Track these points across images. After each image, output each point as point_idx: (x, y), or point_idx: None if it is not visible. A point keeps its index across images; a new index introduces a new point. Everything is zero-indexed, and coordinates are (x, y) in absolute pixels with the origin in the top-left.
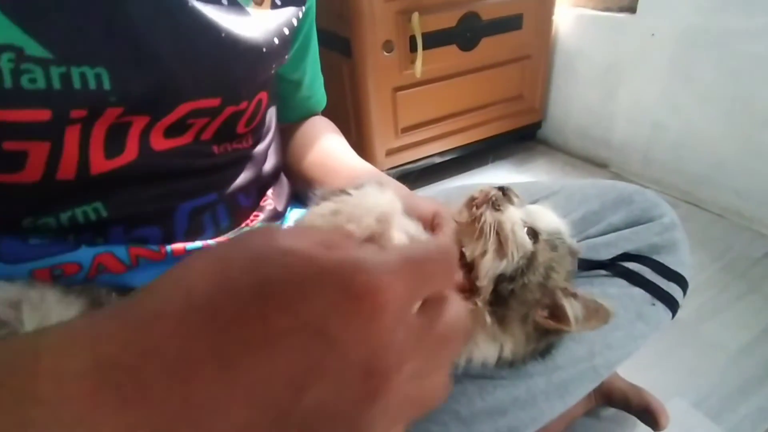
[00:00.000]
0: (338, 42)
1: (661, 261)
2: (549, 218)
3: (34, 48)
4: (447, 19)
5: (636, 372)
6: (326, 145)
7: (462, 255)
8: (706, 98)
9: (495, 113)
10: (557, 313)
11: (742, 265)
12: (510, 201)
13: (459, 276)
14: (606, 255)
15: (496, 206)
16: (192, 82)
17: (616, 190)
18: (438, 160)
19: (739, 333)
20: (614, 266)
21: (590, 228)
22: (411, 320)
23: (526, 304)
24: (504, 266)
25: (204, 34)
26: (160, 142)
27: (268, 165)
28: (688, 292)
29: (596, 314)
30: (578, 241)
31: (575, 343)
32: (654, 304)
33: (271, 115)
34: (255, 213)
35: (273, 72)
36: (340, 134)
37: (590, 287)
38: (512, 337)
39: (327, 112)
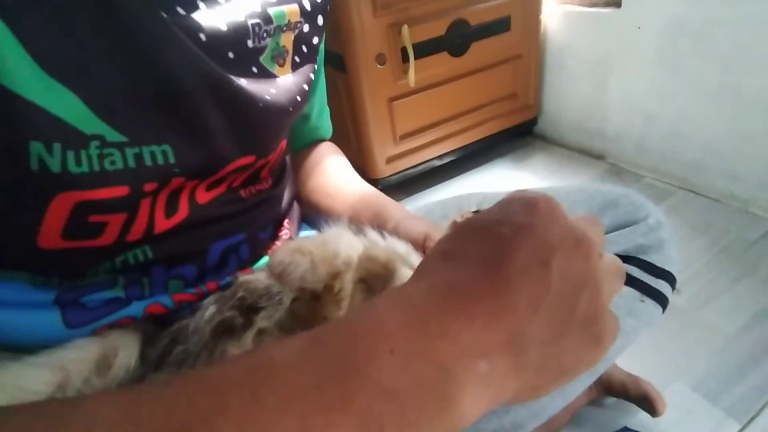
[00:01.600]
0: (332, 58)
1: (649, 260)
2: None
3: (113, 135)
4: (436, 28)
5: (637, 360)
6: (327, 170)
7: None
8: (695, 87)
9: (491, 113)
10: None
11: (738, 248)
12: None
13: None
14: None
15: None
16: (236, 149)
17: (601, 195)
18: (438, 163)
19: (735, 315)
20: None
21: None
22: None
23: None
24: None
25: (247, 106)
26: (203, 196)
27: (285, 200)
28: (687, 278)
29: None
30: None
31: None
32: (643, 301)
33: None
34: (273, 243)
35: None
36: (342, 155)
37: None
38: None
39: None
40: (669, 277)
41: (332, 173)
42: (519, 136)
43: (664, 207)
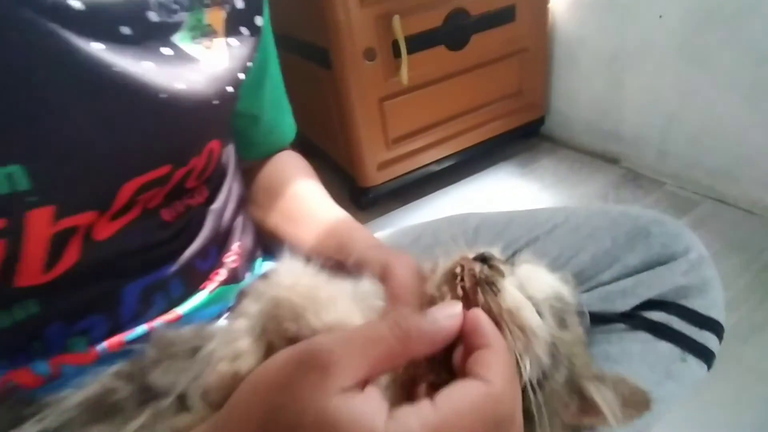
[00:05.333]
0: (317, 53)
1: (691, 306)
2: (545, 282)
3: None
4: (432, 19)
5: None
6: (292, 193)
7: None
8: (725, 83)
9: (493, 113)
10: (586, 407)
11: None
12: (500, 273)
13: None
14: (623, 305)
15: (493, 289)
16: (132, 159)
17: (629, 221)
18: (435, 168)
19: None
20: (634, 318)
21: (602, 272)
22: None
23: (556, 414)
24: (530, 370)
25: (137, 99)
26: (103, 230)
27: (228, 214)
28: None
29: (632, 400)
30: (589, 290)
31: None
32: (685, 360)
33: (228, 155)
34: (215, 271)
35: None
36: (311, 173)
37: (607, 345)
38: None
39: (313, 128)
40: (715, 327)
41: (299, 197)
42: (524, 137)
43: (689, 219)
